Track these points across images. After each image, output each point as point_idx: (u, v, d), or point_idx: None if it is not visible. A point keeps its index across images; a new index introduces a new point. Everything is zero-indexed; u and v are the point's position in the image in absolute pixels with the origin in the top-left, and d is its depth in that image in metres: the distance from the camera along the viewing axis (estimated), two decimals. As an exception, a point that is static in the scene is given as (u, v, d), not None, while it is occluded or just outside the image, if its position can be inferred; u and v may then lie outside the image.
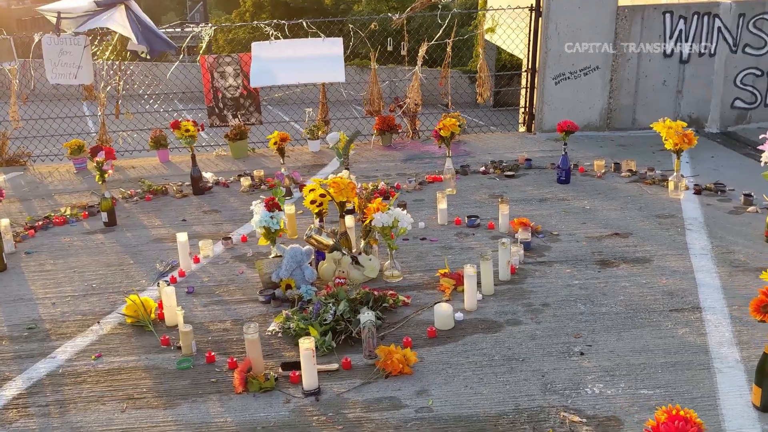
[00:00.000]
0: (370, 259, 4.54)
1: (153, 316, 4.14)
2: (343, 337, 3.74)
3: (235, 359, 3.61)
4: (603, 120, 8.13)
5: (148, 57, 7.55)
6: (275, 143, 6.27)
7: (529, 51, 8.10)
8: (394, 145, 8.07)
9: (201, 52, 7.91)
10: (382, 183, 6.35)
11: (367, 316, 3.50)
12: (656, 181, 6.29)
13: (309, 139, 8.01)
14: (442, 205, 5.48)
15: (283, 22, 7.89)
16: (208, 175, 7.14)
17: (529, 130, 8.37)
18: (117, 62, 7.89)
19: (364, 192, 4.62)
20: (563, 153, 6.35)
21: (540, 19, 7.91)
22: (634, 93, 8.07)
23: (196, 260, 5.06)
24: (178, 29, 7.72)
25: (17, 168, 7.94)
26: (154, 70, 9.75)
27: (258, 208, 4.50)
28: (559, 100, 8.08)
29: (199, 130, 6.65)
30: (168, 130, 7.23)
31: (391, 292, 4.25)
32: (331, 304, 3.95)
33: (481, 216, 5.53)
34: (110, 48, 7.90)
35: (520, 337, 3.72)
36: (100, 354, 3.82)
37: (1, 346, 3.97)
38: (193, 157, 6.67)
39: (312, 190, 4.66)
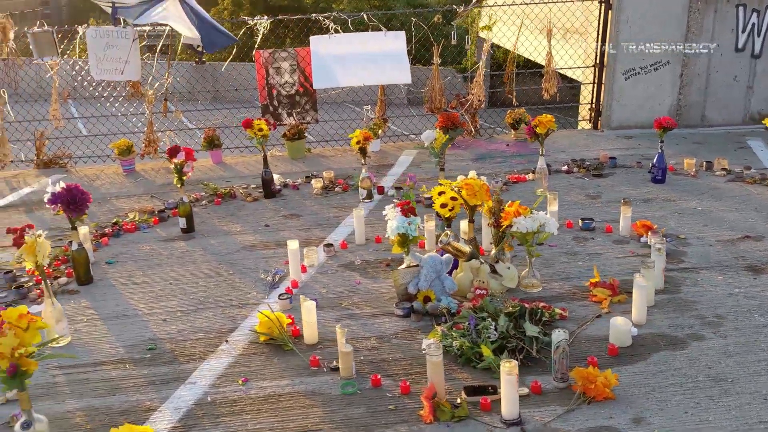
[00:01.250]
0: (509, 268, 4.19)
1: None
2: (521, 357, 3.40)
3: (408, 383, 3.25)
4: (672, 117, 7.86)
5: (204, 52, 7.12)
6: (357, 142, 5.88)
7: (597, 45, 7.79)
8: (458, 143, 7.73)
9: (256, 46, 7.49)
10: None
11: (560, 335, 3.15)
12: (757, 180, 6.02)
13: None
14: (554, 207, 5.15)
15: (344, 16, 7.51)
16: (279, 179, 6.74)
17: (595, 127, 8.08)
18: (166, 57, 7.44)
19: (494, 194, 4.27)
20: (659, 151, 6.06)
21: (610, 12, 7.61)
22: (704, 89, 7.82)
23: (303, 270, 4.67)
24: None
25: (57, 170, 7.46)
26: (199, 68, 9.29)
27: (392, 213, 4.12)
28: (629, 96, 7.80)
29: (271, 129, 6.25)
30: (227, 129, 6.81)
31: (543, 304, 3.91)
32: (489, 320, 3.60)
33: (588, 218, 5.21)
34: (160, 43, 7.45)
35: (714, 355, 3.41)
36: (246, 379, 3.43)
37: (127, 370, 3.55)
38: (265, 158, 6.27)
39: (442, 192, 4.30)
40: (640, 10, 7.49)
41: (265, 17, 7.44)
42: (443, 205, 4.27)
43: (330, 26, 7.40)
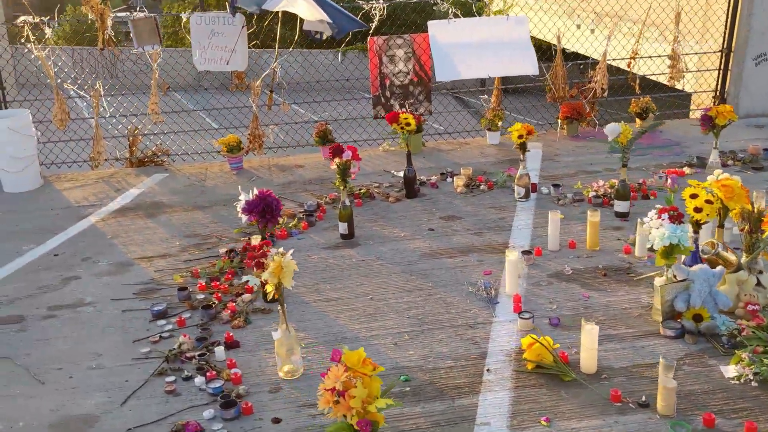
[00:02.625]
0: (772, 279, 3.77)
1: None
2: None
3: (755, 424, 2.82)
4: (798, 104, 7.48)
5: (321, 39, 6.60)
6: (520, 137, 5.41)
7: (726, 29, 7.37)
8: (581, 134, 7.28)
9: (370, 33, 6.96)
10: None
11: None
12: None
13: (488, 130, 7.17)
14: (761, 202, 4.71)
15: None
16: (395, 172, 6.27)
17: (717, 116, 7.65)
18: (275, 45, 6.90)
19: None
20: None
21: (740, -5, 7.19)
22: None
23: (514, 281, 4.21)
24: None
25: (156, 169, 6.91)
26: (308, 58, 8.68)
27: (656, 221, 3.66)
28: (758, 83, 7.39)
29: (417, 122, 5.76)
30: (335, 123, 6.30)
31: (831, 320, 3.49)
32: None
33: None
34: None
35: None
36: (547, 418, 2.98)
37: (397, 408, 3.09)
38: (409, 156, 5.79)
39: (694, 195, 3.85)
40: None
41: (381, 0, 6.92)
42: (697, 209, 3.82)
43: (449, 10, 6.89)
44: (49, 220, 5.73)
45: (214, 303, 4.13)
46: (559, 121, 7.26)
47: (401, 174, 6.26)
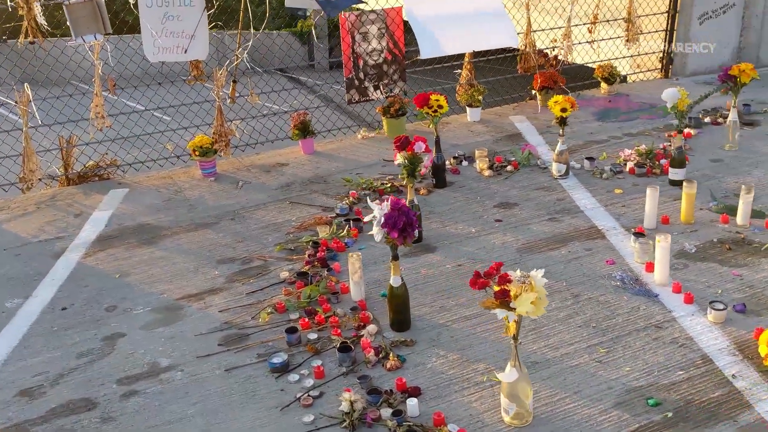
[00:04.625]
0: None
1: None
2: None
3: None
4: (734, 60, 7.85)
5: (306, 17, 5.78)
6: (563, 110, 5.06)
7: (672, -10, 7.53)
8: (556, 104, 7.08)
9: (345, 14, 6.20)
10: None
11: None
12: None
13: (468, 106, 6.77)
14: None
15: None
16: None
17: (666, 75, 7.84)
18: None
19: None
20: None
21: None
22: (760, 30, 7.87)
23: (650, 267, 3.89)
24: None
25: (105, 184, 5.75)
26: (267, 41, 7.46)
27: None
28: (702, 41, 7.64)
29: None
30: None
31: None
32: None
33: None
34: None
35: None
36: None
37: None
38: (438, 141, 5.23)
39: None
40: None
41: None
42: None
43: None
44: (14, 264, 4.50)
45: (349, 341, 3.38)
46: (535, 92, 7.02)
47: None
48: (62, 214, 5.23)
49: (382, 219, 3.25)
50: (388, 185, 5.27)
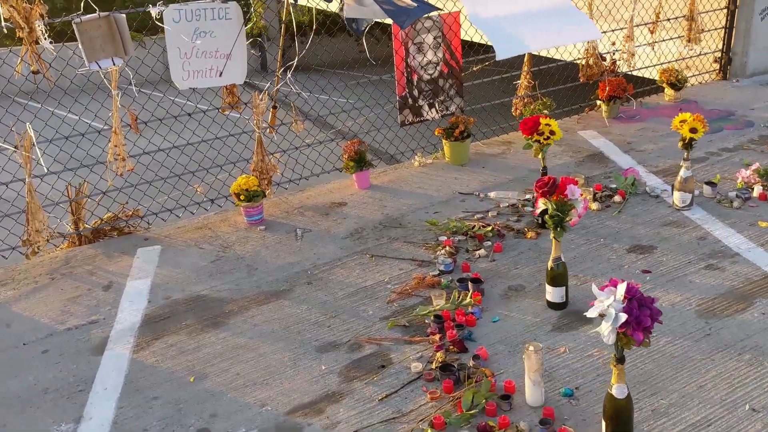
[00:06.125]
0: None
1: None
2: None
3: None
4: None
5: (358, 30, 4.85)
6: (692, 130, 4.26)
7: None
8: (624, 114, 6.32)
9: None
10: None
11: None
12: None
13: (532, 122, 5.92)
14: None
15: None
16: (495, 195, 4.87)
17: (725, 77, 7.17)
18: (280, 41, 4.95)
19: None
20: None
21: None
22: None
23: None
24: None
25: (127, 241, 4.69)
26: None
27: None
28: (764, 38, 7.00)
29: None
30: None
31: None
32: None
33: None
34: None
35: None
36: None
37: None
38: (546, 173, 4.38)
39: None
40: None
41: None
42: None
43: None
44: (45, 368, 3.45)
45: None
46: (600, 102, 6.23)
47: (502, 195, 4.85)
48: (86, 287, 4.16)
49: (621, 316, 2.36)
50: (489, 229, 4.37)
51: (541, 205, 3.47)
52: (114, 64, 4.38)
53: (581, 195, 3.39)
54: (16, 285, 4.23)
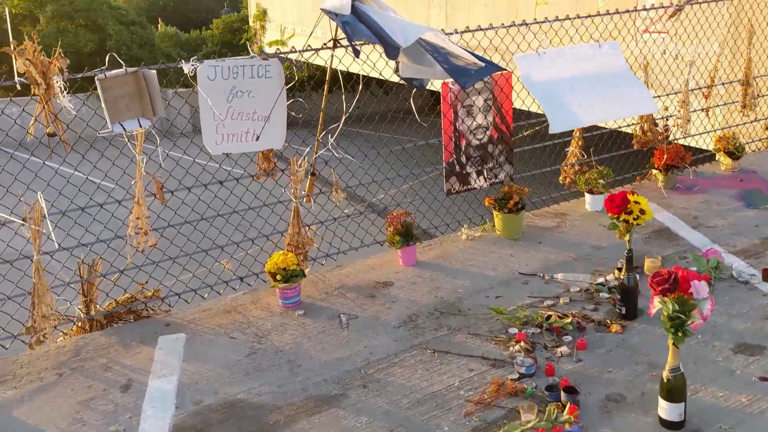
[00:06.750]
0: None
1: None
2: None
3: None
4: None
5: (420, 86, 4.37)
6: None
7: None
8: (681, 185, 5.85)
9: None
10: None
11: None
12: None
13: (588, 192, 5.44)
14: None
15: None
16: (563, 278, 4.32)
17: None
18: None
19: None
20: None
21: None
22: None
23: None
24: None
25: (145, 326, 4.09)
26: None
27: None
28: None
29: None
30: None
31: None
32: None
33: None
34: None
35: None
36: None
37: None
38: (630, 257, 3.86)
39: None
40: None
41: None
42: None
43: (544, 36, 5.04)
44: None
45: None
46: (656, 171, 5.75)
47: (572, 278, 4.31)
48: (101, 386, 3.54)
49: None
50: (568, 321, 3.81)
51: (658, 304, 2.92)
52: (140, 126, 3.84)
53: (707, 293, 2.84)
54: (17, 382, 3.60)
